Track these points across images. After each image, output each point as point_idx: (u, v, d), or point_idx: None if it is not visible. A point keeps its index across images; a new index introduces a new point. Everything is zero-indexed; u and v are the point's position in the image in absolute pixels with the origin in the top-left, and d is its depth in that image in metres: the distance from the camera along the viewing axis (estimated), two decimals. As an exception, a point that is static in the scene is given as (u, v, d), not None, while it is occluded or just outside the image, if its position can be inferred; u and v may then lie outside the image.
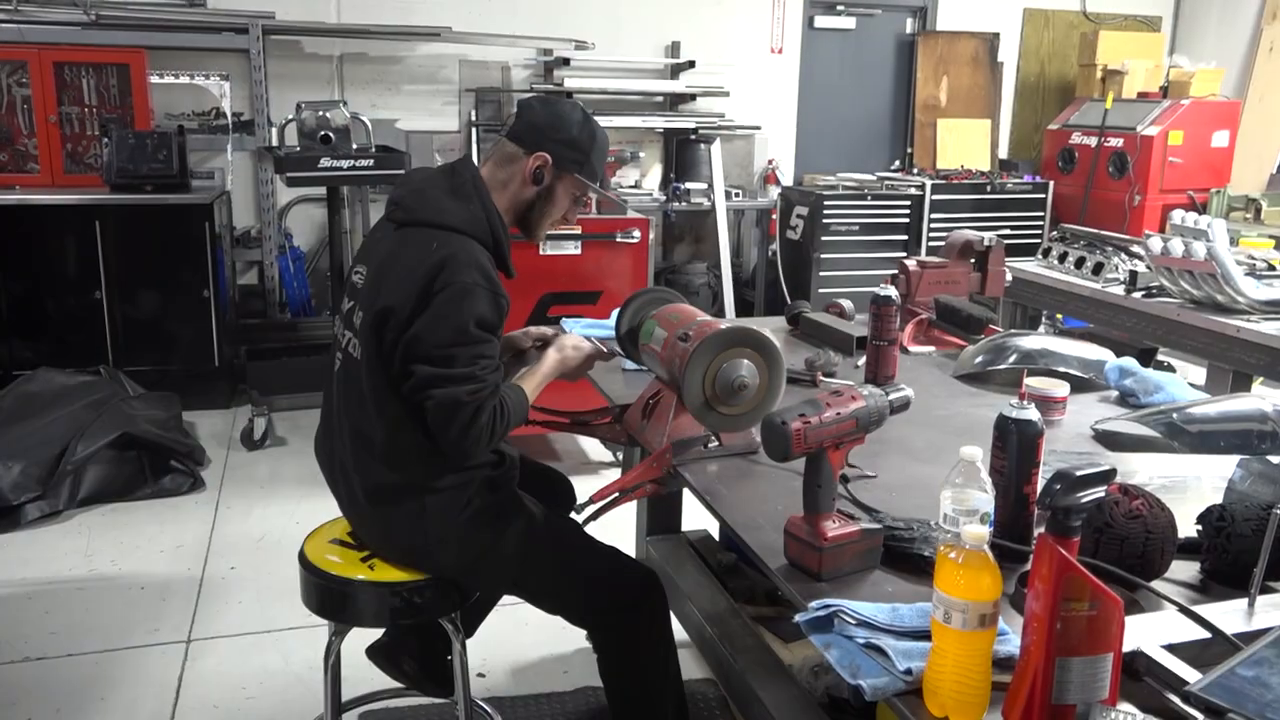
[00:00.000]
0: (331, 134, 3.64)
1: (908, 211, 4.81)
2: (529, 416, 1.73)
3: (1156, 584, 1.20)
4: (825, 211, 4.68)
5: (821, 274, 4.69)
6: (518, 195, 1.71)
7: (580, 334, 1.89)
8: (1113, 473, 1.13)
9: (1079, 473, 1.10)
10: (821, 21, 5.35)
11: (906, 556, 1.25)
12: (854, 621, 1.09)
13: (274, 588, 2.66)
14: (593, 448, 3.79)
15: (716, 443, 1.62)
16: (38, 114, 3.87)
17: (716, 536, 2.46)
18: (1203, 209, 4.80)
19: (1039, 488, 1.21)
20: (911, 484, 1.52)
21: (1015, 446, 1.24)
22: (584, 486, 1.82)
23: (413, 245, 1.61)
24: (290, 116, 3.82)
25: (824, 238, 4.68)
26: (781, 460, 1.23)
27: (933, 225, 4.81)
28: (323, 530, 1.84)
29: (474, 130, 4.67)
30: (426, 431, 1.60)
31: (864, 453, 1.52)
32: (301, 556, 1.75)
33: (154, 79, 4.12)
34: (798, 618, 1.11)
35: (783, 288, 4.84)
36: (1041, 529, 1.14)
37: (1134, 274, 3.01)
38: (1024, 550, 1.23)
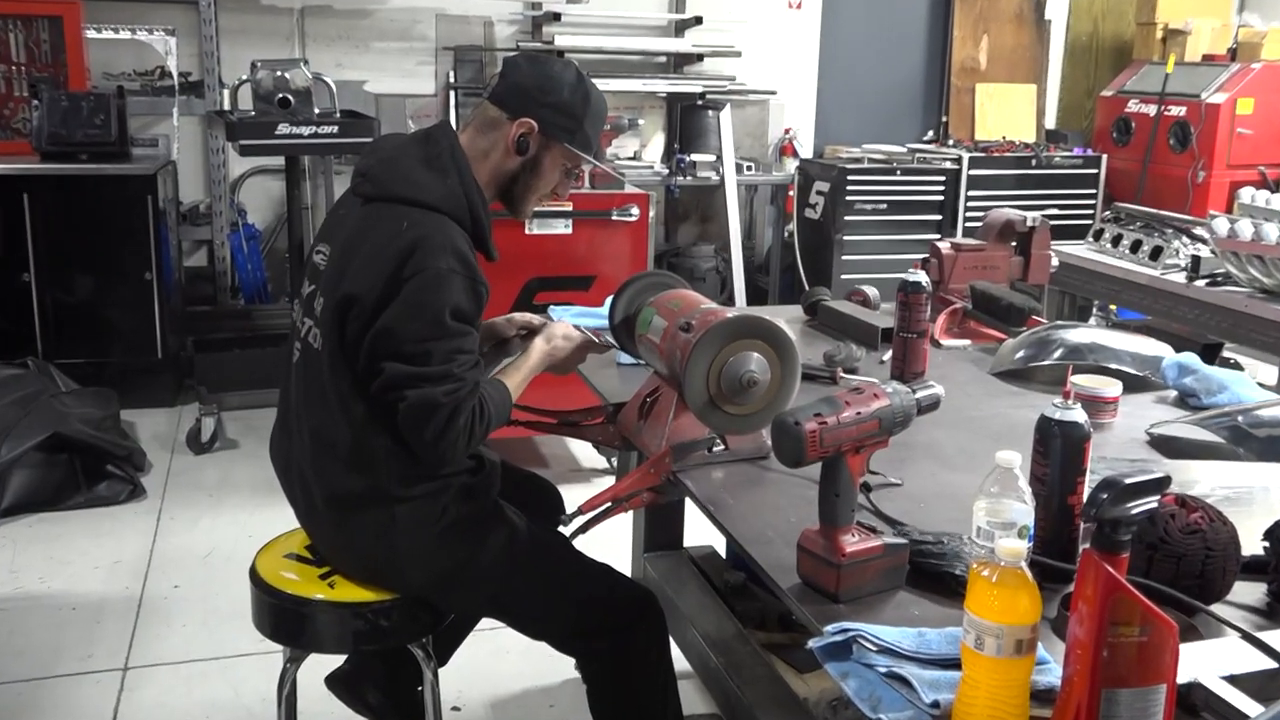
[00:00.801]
0: (291, 97, 3.63)
1: (941, 188, 4.82)
2: (512, 416, 1.74)
3: (1216, 607, 1.20)
4: (849, 187, 4.68)
5: (844, 257, 4.69)
6: (500, 166, 1.71)
7: (571, 323, 1.89)
8: (1167, 481, 1.12)
9: (1129, 481, 1.09)
10: (846, -28, 5.36)
11: (935, 575, 1.25)
12: (875, 648, 1.08)
13: (222, 609, 2.66)
14: (583, 452, 3.80)
15: (722, 446, 1.63)
16: (-42, 73, 3.86)
17: (723, 553, 2.46)
18: (1275, 186, 4.80)
19: (1084, 498, 1.21)
20: (941, 493, 1.52)
21: (1059, 452, 1.24)
22: (573, 495, 1.82)
23: (381, 224, 1.61)
24: (244, 77, 3.79)
25: (847, 217, 4.69)
26: (795, 466, 1.24)
27: (970, 203, 4.81)
28: (278, 544, 1.84)
29: (452, 93, 4.66)
30: (396, 432, 1.60)
31: (888, 458, 1.52)
32: (253, 573, 1.75)
33: (90, 33, 4.10)
34: (812, 644, 1.11)
35: (800, 273, 4.85)
36: (1087, 544, 1.14)
37: (1196, 259, 3.01)
38: (1067, 568, 1.22)
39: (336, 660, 1.94)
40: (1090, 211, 4.99)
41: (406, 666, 1.88)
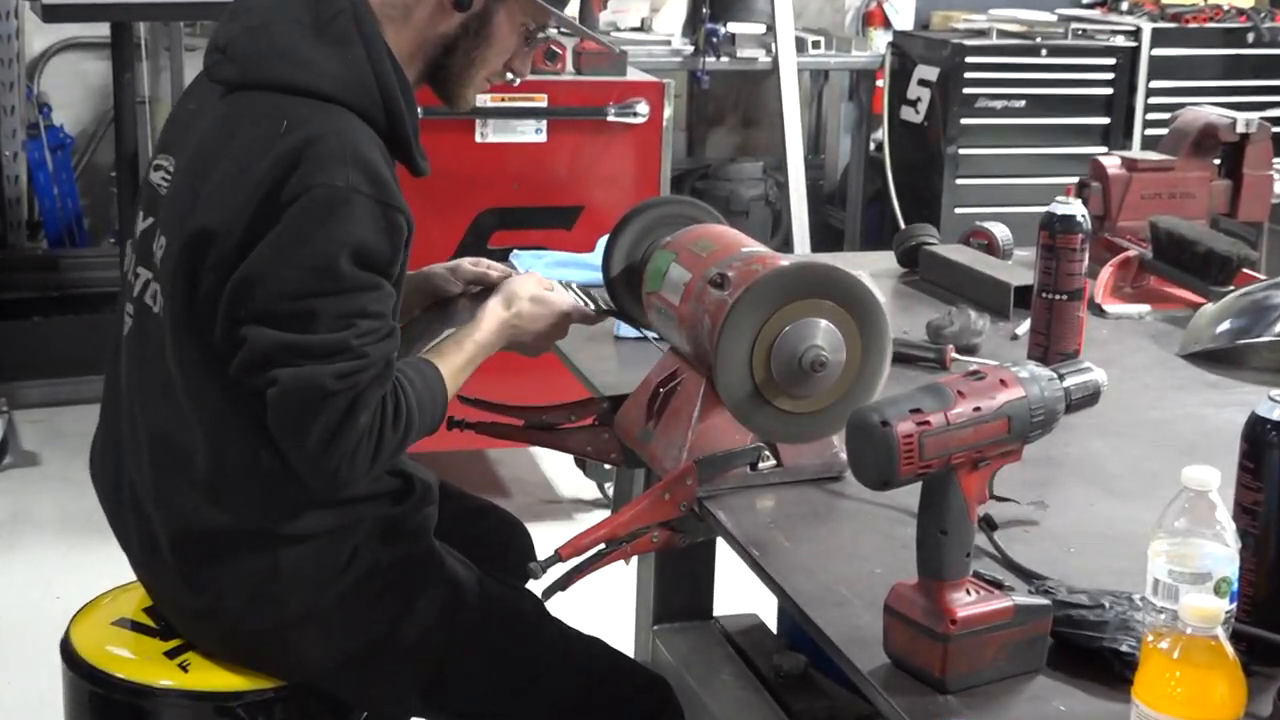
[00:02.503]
0: (119, -67, 3.64)
1: (1109, 76, 4.81)
2: (450, 416, 1.76)
3: None
4: (968, 75, 4.68)
5: (959, 181, 4.70)
6: (428, 31, 1.72)
7: (545, 276, 1.91)
8: None
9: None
10: None
11: (1090, 651, 1.26)
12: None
13: (14, 702, 2.67)
14: (562, 471, 3.80)
15: (773, 461, 1.64)
16: None
17: (772, 623, 2.48)
18: None
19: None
20: (1102, 531, 1.53)
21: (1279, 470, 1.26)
22: (547, 535, 1.84)
23: (249, 123, 1.62)
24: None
25: (964, 120, 4.69)
26: (881, 488, 1.25)
27: (1152, 100, 4.81)
28: (102, 606, 1.87)
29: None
30: (270, 437, 1.62)
31: (1022, 478, 1.52)
32: (66, 650, 1.77)
33: None
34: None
35: (893, 204, 4.85)
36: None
37: None
38: (1290, 644, 1.24)
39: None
40: (1336, 113, 4.98)
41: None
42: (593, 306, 1.88)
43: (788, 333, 1.57)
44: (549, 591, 1.59)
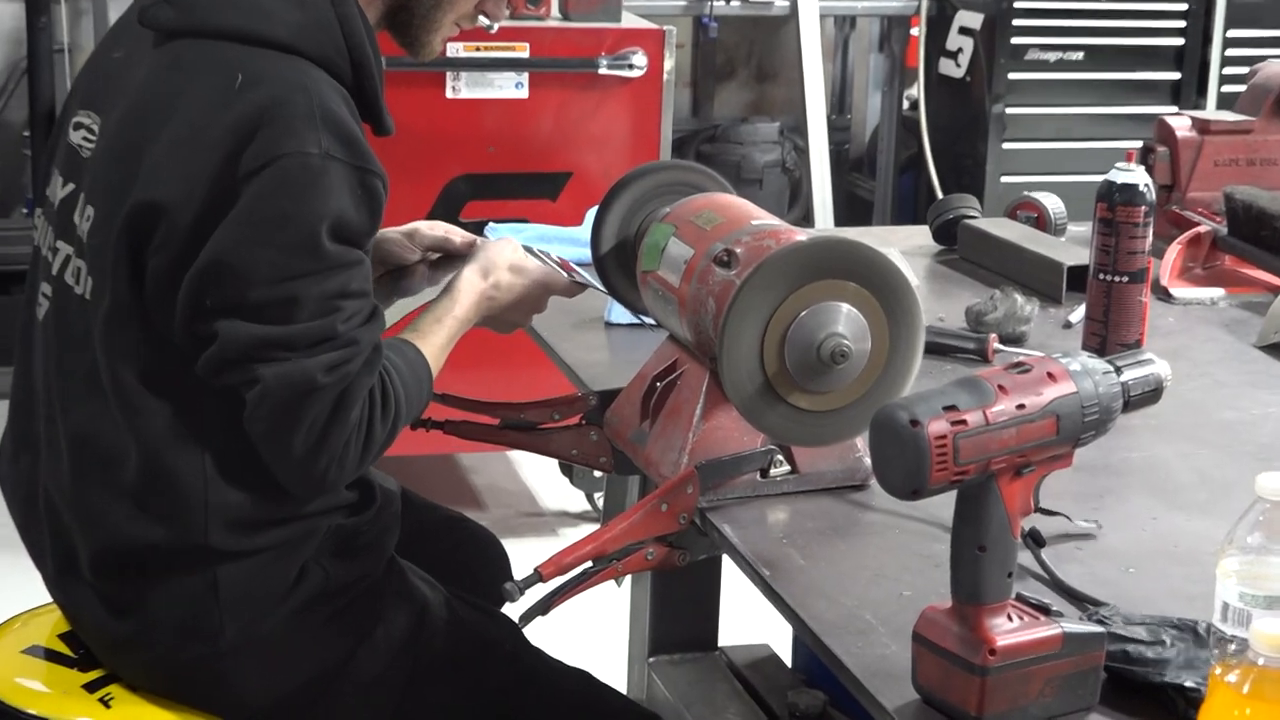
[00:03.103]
0: None
1: (1180, 24, 4.81)
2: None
3: None
4: (1016, 24, 4.68)
5: (1005, 145, 4.70)
6: None
7: (522, 244, 1.92)
8: None
9: None
10: None
11: (1150, 688, 1.26)
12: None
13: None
14: (543, 478, 3.81)
15: (786, 467, 1.65)
16: None
17: (785, 655, 2.49)
18: None
19: None
20: (1165, 549, 1.54)
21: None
22: (526, 552, 1.84)
23: (197, 78, 1.62)
24: None
25: (1011, 74, 4.69)
26: (909, 496, 1.25)
27: (1229, 51, 4.80)
28: (11, 630, 1.87)
29: None
30: (219, 439, 1.63)
31: (1073, 487, 1.53)
32: (-30, 680, 1.78)
33: None
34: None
35: (928, 171, 4.86)
36: None
37: None
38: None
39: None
40: None
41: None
42: (577, 279, 1.89)
43: (804, 318, 1.58)
44: (528, 616, 1.60)
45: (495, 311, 1.83)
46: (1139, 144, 2.47)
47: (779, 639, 2.49)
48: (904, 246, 2.44)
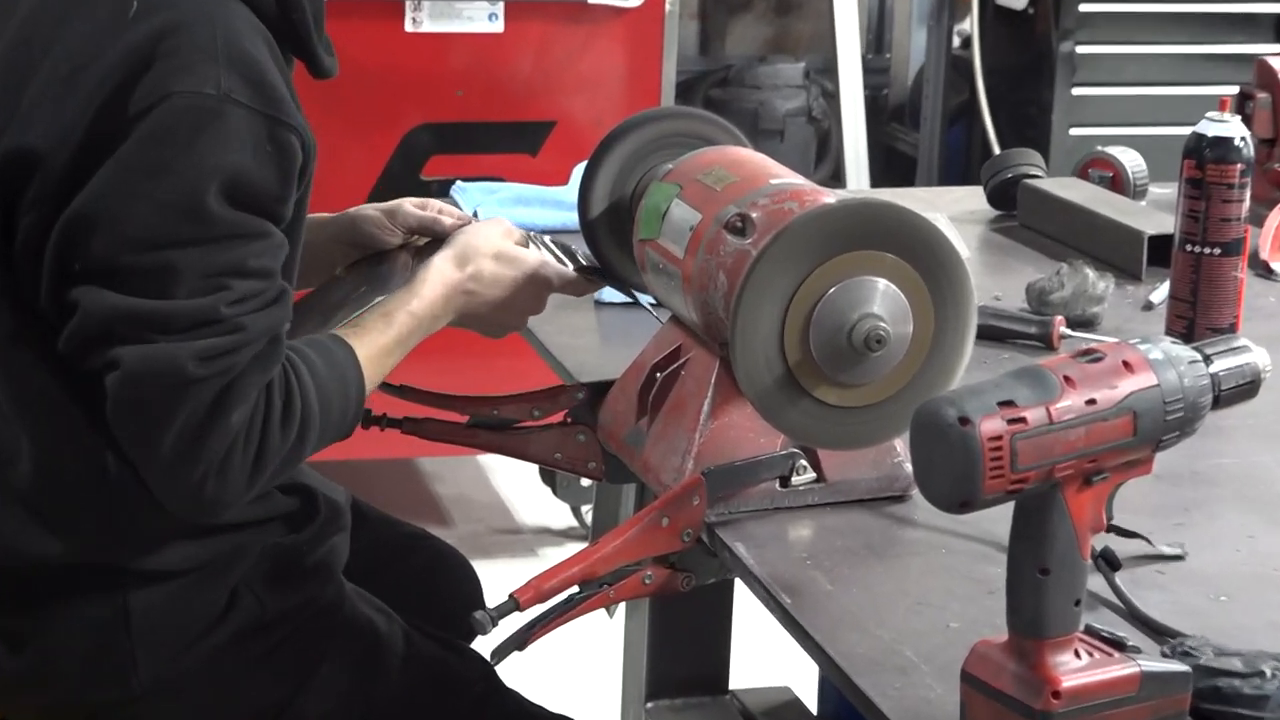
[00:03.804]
0: None
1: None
2: (367, 410, 1.77)
3: None
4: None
5: (1075, 91, 4.70)
6: None
7: (507, 217, 1.93)
8: None
9: None
10: None
11: (1246, 738, 1.27)
12: None
13: None
14: (523, 487, 3.83)
15: (811, 475, 1.66)
16: None
17: (810, 700, 2.49)
18: None
19: None
20: (1264, 572, 1.54)
21: None
22: (500, 575, 1.84)
23: (85, 7, 1.63)
24: None
25: (1083, 6, 4.68)
26: (958, 509, 1.25)
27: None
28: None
29: None
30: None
31: (1154, 497, 1.53)
32: None
33: None
34: None
35: (983, 122, 4.86)
36: None
37: None
38: None
39: None
40: None
41: None
42: (570, 266, 1.89)
43: (833, 297, 1.58)
44: (502, 652, 1.60)
45: (475, 309, 1.82)
46: (1235, 90, 2.46)
47: (802, 680, 2.49)
48: (953, 211, 2.44)
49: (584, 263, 1.89)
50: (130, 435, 1.59)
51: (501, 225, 1.87)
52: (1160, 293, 2.12)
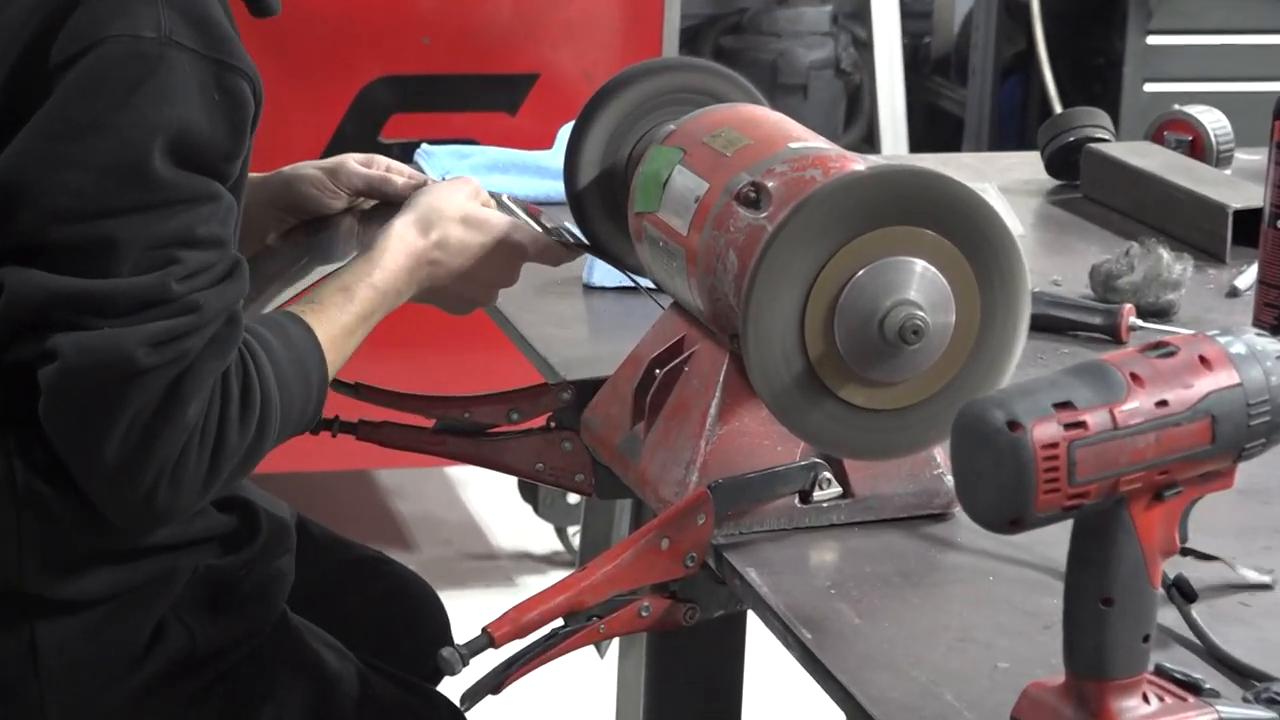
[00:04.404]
0: None
1: None
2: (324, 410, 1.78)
3: None
4: None
5: (1149, 39, 4.70)
6: None
7: (478, 179, 1.93)
8: None
9: None
10: None
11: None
12: None
13: None
14: (498, 504, 3.85)
15: (836, 489, 1.66)
16: None
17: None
18: None
19: None
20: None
21: None
22: (472, 607, 1.84)
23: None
24: None
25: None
26: (1007, 528, 1.24)
27: None
28: None
29: None
30: (35, 438, 1.63)
31: (1235, 516, 1.53)
32: None
33: None
34: None
35: (1042, 75, 4.86)
36: None
37: None
38: None
39: None
40: None
41: None
42: (542, 228, 1.89)
43: (863, 280, 1.58)
44: (473, 695, 1.59)
45: (441, 281, 1.83)
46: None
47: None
48: (1005, 181, 2.44)
49: (564, 231, 1.89)
50: (68, 437, 1.59)
51: (468, 185, 1.88)
52: (1247, 277, 2.12)
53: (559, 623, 1.59)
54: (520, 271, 1.88)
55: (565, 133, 1.89)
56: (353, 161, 1.96)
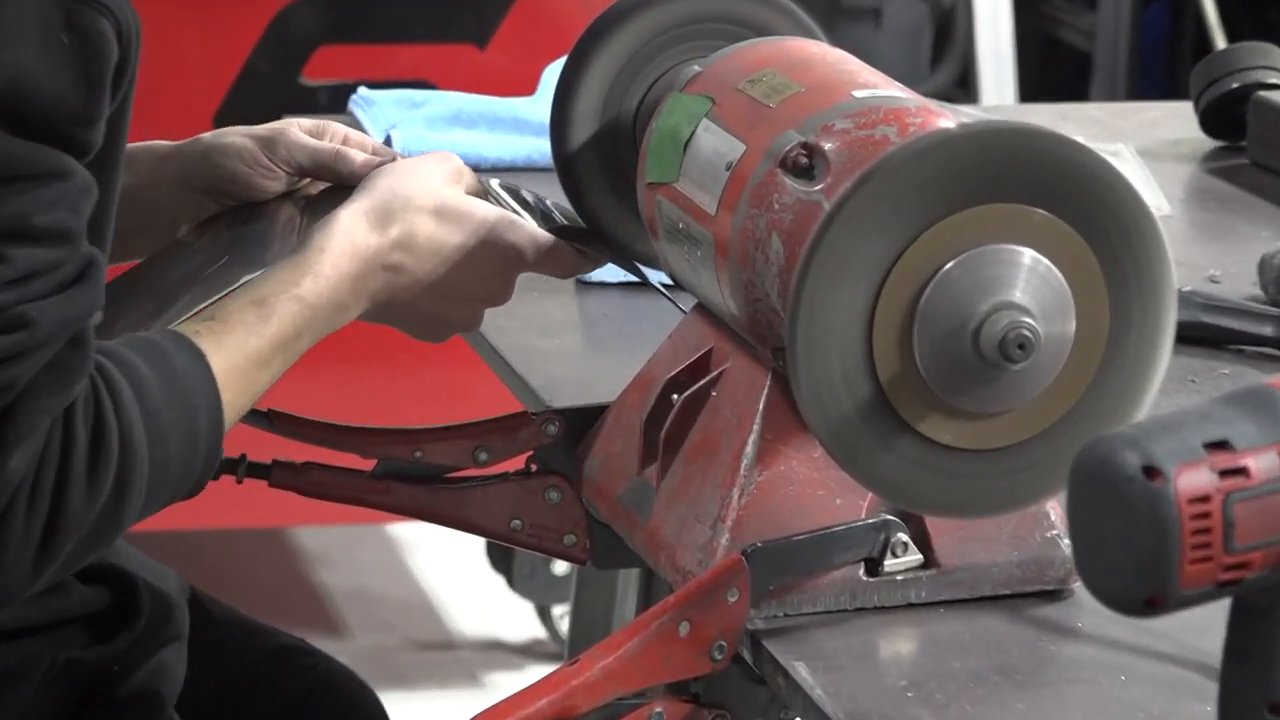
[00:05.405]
0: None
1: None
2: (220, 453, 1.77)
3: None
4: None
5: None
6: None
7: (439, 144, 1.93)
8: None
9: None
10: None
11: None
12: None
13: None
14: (457, 574, 3.90)
15: (916, 556, 1.66)
16: None
17: None
18: None
19: None
20: None
21: None
22: (426, 713, 1.84)
23: None
24: None
25: None
26: (1142, 610, 1.24)
27: None
28: None
29: None
30: None
31: None
32: None
33: None
34: None
35: (1199, 4, 4.88)
36: None
37: None
38: None
39: None
40: None
41: None
42: (550, 224, 1.90)
43: (951, 277, 1.58)
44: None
45: (403, 293, 1.83)
46: None
47: None
48: (1145, 141, 2.45)
49: (556, 215, 1.91)
50: None
51: (447, 163, 1.87)
52: None
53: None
54: (515, 284, 1.87)
55: (552, 74, 1.89)
56: (296, 129, 1.95)
